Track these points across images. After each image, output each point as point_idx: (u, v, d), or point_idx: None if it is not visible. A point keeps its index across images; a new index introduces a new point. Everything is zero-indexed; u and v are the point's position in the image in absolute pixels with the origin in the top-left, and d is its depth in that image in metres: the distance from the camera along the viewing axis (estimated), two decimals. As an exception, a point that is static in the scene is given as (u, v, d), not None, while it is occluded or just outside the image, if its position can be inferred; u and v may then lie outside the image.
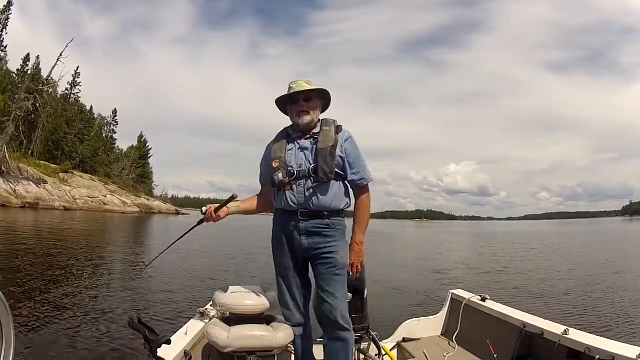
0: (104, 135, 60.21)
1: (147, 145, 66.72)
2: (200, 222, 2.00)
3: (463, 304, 2.83)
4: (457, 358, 2.56)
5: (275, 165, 1.95)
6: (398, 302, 5.98)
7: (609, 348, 1.86)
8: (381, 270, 9.27)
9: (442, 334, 2.92)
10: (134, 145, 64.74)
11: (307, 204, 1.91)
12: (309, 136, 1.99)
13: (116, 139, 63.35)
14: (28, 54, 46.53)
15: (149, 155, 66.98)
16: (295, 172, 1.92)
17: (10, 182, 31.60)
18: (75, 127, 51.21)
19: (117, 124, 62.40)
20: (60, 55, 37.70)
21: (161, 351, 1.56)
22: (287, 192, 1.93)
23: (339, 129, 1.98)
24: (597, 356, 1.85)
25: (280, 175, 1.93)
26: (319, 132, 1.97)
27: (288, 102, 2.01)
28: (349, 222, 2.03)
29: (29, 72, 44.72)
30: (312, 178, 1.90)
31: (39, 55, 46.44)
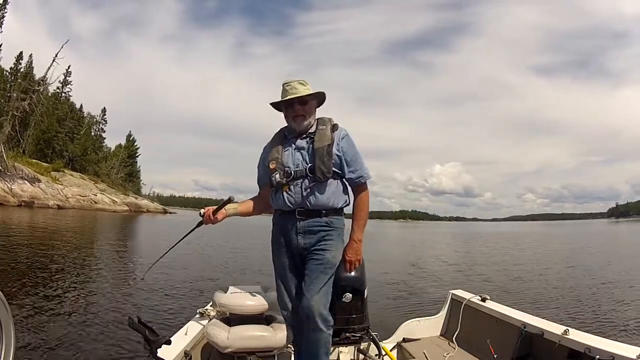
0: (92, 133, 59.94)
1: (135, 144, 66.47)
2: (198, 225, 1.98)
3: (463, 304, 2.82)
4: (457, 358, 2.55)
5: (272, 166, 1.94)
6: (398, 302, 5.97)
7: (609, 348, 1.87)
8: (380, 270, 9.26)
9: (442, 334, 2.92)
10: (121, 143, 64.60)
11: (304, 203, 1.90)
12: (305, 136, 1.97)
13: (105, 138, 63.34)
14: (21, 53, 46.54)
15: (137, 154, 66.84)
16: (292, 172, 1.91)
17: (7, 181, 31.54)
18: (65, 126, 51.00)
19: (106, 123, 62.30)
20: (56, 56, 37.92)
21: (161, 351, 1.56)
22: (284, 192, 1.92)
23: (335, 127, 1.96)
24: (597, 356, 1.85)
25: (278, 176, 1.92)
26: (315, 132, 1.95)
27: (283, 104, 1.97)
28: (348, 222, 2.02)
29: (22, 70, 44.61)
30: (309, 178, 1.89)
31: (31, 54, 46.46)
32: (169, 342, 1.59)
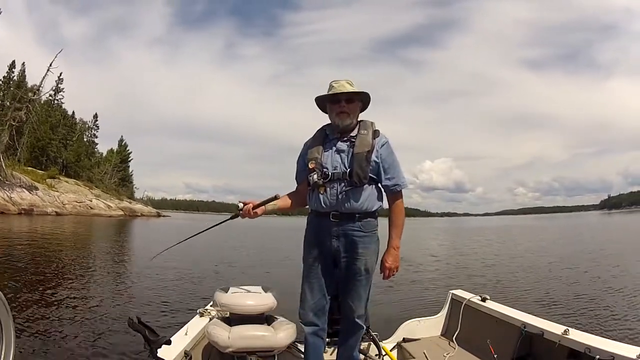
0: (85, 139, 60.03)
1: (127, 148, 66.26)
2: (233, 217, 2.02)
3: (463, 304, 2.82)
4: (457, 358, 2.54)
5: (311, 166, 1.99)
6: (398, 302, 5.95)
7: (609, 348, 1.86)
8: (379, 269, 9.17)
9: (442, 334, 2.91)
10: (113, 148, 64.45)
11: (338, 206, 1.93)
12: (346, 138, 2.00)
13: (97, 143, 63.37)
14: (13, 62, 46.86)
15: (129, 159, 66.53)
16: (330, 174, 1.94)
17: (6, 190, 31.62)
18: (59, 133, 51.13)
19: (98, 129, 62.38)
20: (50, 65, 38.47)
21: (161, 351, 1.56)
22: (320, 194, 1.96)
23: (376, 133, 1.99)
24: (597, 356, 1.84)
25: (315, 176, 1.96)
26: (356, 135, 1.98)
27: (328, 101, 2.02)
28: (381, 221, 2.06)
29: (15, 79, 44.87)
30: (345, 181, 1.92)
31: (24, 62, 46.89)
32: (169, 342, 1.59)
